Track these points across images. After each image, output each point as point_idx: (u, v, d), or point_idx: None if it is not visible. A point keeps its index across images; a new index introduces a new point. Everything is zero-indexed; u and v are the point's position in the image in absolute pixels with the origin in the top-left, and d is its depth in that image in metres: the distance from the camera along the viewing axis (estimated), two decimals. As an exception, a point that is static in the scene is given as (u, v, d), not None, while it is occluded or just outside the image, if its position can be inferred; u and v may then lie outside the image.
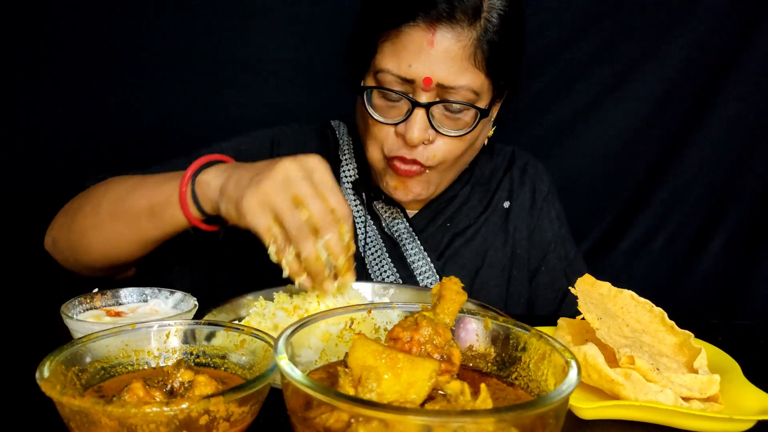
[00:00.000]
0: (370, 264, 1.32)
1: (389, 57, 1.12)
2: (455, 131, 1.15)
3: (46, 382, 0.58)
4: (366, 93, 1.16)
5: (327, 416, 0.53)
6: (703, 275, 1.80)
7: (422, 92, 1.11)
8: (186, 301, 0.92)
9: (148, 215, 1.07)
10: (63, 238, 1.18)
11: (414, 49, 1.10)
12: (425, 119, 1.13)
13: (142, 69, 1.71)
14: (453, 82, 1.10)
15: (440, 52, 1.09)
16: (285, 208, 0.88)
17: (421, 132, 1.13)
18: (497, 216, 1.38)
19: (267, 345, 0.68)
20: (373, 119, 1.16)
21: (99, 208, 1.12)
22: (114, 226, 1.10)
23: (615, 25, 1.75)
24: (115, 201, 1.11)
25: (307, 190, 0.89)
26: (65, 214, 1.19)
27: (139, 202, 1.08)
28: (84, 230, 1.14)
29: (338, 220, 0.91)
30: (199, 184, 1.01)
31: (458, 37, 1.09)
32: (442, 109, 1.14)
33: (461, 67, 1.10)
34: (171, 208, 1.04)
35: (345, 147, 1.38)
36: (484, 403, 0.55)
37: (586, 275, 0.91)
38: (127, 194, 1.10)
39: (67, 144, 1.71)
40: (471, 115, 1.14)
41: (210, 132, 1.73)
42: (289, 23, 1.74)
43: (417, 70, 1.10)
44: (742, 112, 1.73)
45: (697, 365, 0.81)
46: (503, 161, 1.43)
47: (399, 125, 1.15)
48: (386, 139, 1.17)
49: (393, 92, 1.13)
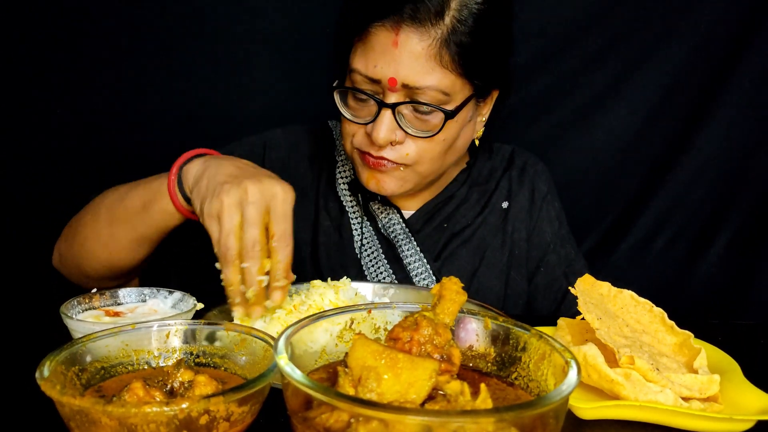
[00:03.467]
0: (366, 265, 1.31)
1: (359, 57, 1.13)
2: (424, 132, 1.14)
3: (46, 382, 0.58)
4: (337, 92, 1.18)
5: (327, 416, 0.53)
6: (703, 276, 1.79)
7: (390, 93, 1.11)
8: (185, 300, 0.92)
9: (142, 212, 1.09)
10: (67, 251, 1.21)
11: (380, 50, 1.10)
12: (392, 120, 1.13)
13: (143, 69, 1.71)
14: (418, 82, 1.10)
15: (405, 53, 1.09)
16: (226, 229, 0.90)
17: (387, 132, 1.13)
18: (495, 216, 1.37)
19: (267, 345, 0.68)
20: (344, 118, 1.18)
21: (97, 216, 1.15)
22: (111, 230, 1.13)
23: (615, 26, 1.75)
24: (111, 206, 1.14)
25: (251, 217, 0.90)
26: (69, 228, 1.22)
27: (133, 202, 1.10)
28: (85, 239, 1.16)
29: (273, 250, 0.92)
30: (184, 173, 1.04)
31: (422, 37, 1.09)
32: (412, 110, 1.13)
33: (426, 67, 1.10)
34: (161, 200, 1.06)
35: (341, 148, 1.38)
36: (484, 403, 0.55)
37: (586, 275, 0.91)
38: (122, 197, 1.13)
39: (67, 144, 1.71)
40: (439, 117, 1.13)
41: (210, 132, 1.74)
42: (289, 23, 1.74)
43: (382, 70, 1.10)
44: (744, 113, 1.72)
45: (697, 365, 0.81)
46: (502, 161, 1.42)
47: (368, 125, 1.15)
48: (356, 135, 1.19)
49: (360, 92, 1.13)
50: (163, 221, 1.09)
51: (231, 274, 0.90)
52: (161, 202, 1.07)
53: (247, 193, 0.91)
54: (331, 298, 0.97)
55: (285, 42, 1.75)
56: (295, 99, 1.77)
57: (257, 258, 0.90)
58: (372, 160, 1.17)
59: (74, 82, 1.69)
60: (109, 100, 1.72)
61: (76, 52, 1.67)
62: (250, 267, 0.90)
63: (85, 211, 1.19)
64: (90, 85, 1.70)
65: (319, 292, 0.98)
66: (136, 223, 1.10)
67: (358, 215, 1.34)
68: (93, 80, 1.70)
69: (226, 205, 0.91)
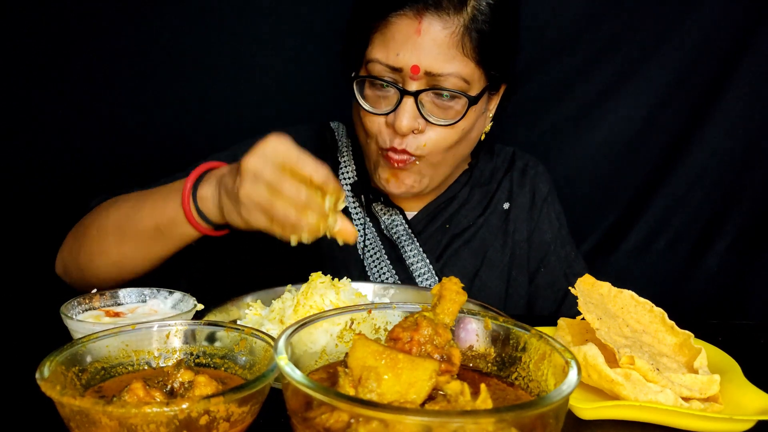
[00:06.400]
0: (369, 266, 1.31)
1: (378, 47, 1.13)
2: (445, 120, 1.15)
3: (46, 383, 0.58)
4: (357, 84, 1.17)
5: (327, 416, 0.53)
6: (704, 276, 1.79)
7: (411, 81, 1.12)
8: (185, 301, 0.92)
9: (155, 235, 1.07)
10: (72, 263, 1.19)
11: (401, 39, 1.10)
12: (414, 108, 1.13)
13: (144, 69, 1.71)
14: (441, 69, 1.10)
15: (427, 40, 1.10)
16: (266, 203, 0.90)
17: (410, 120, 1.12)
18: (497, 217, 1.38)
19: (267, 345, 0.68)
20: (365, 110, 1.16)
21: (104, 233, 1.13)
22: (120, 248, 1.11)
23: (615, 26, 1.75)
24: (119, 224, 1.12)
25: (271, 177, 0.90)
26: (73, 238, 1.20)
27: (144, 223, 1.08)
28: (91, 256, 1.14)
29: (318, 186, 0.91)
30: (200, 200, 1.03)
31: (445, 25, 1.10)
32: (432, 98, 1.14)
33: (449, 54, 1.11)
34: (180, 226, 1.05)
35: (344, 149, 1.38)
36: (484, 403, 0.55)
37: (586, 275, 0.91)
38: (131, 216, 1.11)
39: (67, 144, 1.71)
40: (461, 104, 1.14)
41: (211, 132, 1.74)
42: (290, 23, 1.74)
43: (404, 58, 1.10)
44: (745, 113, 1.72)
45: (697, 365, 0.81)
46: (503, 162, 1.43)
47: (389, 115, 1.15)
48: (379, 132, 1.17)
49: (382, 81, 1.13)
50: (182, 242, 1.08)
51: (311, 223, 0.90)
52: (180, 228, 1.05)
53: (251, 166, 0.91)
54: (332, 298, 0.97)
55: (285, 43, 1.75)
56: (294, 100, 1.78)
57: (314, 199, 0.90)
58: (396, 157, 1.16)
59: (74, 83, 1.69)
60: (109, 101, 1.72)
61: (77, 53, 1.67)
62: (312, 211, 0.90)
63: (90, 223, 1.17)
64: (90, 86, 1.70)
65: (319, 292, 0.97)
66: (149, 244, 1.09)
67: (361, 216, 1.34)
68: (93, 81, 1.70)
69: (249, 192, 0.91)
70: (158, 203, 1.08)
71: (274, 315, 0.97)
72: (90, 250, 1.14)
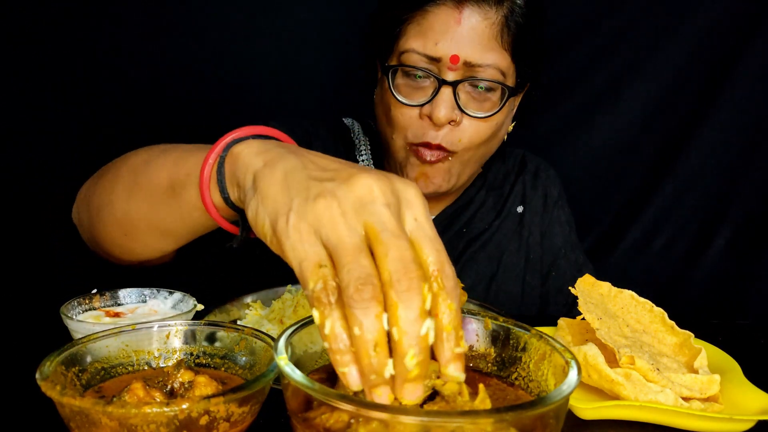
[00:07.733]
0: None
1: (414, 37, 1.12)
2: (481, 113, 1.13)
3: (46, 383, 0.58)
4: (391, 73, 1.14)
5: (327, 416, 0.53)
6: (703, 276, 1.79)
7: (448, 71, 1.11)
8: (185, 301, 0.92)
9: (166, 194, 0.81)
10: (84, 212, 0.98)
11: (440, 28, 1.09)
12: (452, 98, 1.11)
13: (145, 69, 1.71)
14: (480, 59, 1.10)
15: (467, 30, 1.09)
16: (348, 246, 0.51)
17: (448, 110, 1.11)
18: (511, 221, 1.37)
19: (267, 345, 0.68)
20: (398, 101, 1.14)
21: (118, 178, 0.90)
22: (127, 203, 0.87)
23: (615, 26, 1.75)
24: (134, 168, 0.87)
25: (390, 224, 0.53)
26: (93, 181, 0.99)
27: (159, 174, 0.82)
28: (100, 206, 0.92)
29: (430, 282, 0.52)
30: (231, 156, 0.70)
31: (485, 15, 1.09)
32: (469, 89, 1.13)
33: (488, 45, 1.10)
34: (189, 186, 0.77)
35: (362, 148, 1.34)
36: (483, 403, 0.55)
37: (586, 275, 0.91)
38: (150, 162, 0.85)
39: (68, 144, 1.71)
40: (498, 95, 1.14)
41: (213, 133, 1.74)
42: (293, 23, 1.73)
43: (444, 48, 1.09)
44: (744, 113, 1.73)
45: (698, 365, 0.81)
46: (514, 165, 1.43)
47: (424, 106, 1.13)
48: (411, 125, 1.15)
49: (420, 69, 1.11)
50: (190, 218, 0.79)
51: (371, 323, 0.49)
52: (190, 191, 0.77)
53: (372, 191, 0.54)
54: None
55: (290, 42, 1.75)
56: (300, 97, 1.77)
57: (417, 289, 0.50)
58: (428, 153, 1.14)
59: (74, 79, 1.69)
60: (109, 97, 1.72)
61: (77, 50, 1.67)
62: (404, 308, 0.49)
63: (112, 165, 0.95)
64: (89, 82, 1.70)
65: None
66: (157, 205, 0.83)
67: None
68: (93, 77, 1.69)
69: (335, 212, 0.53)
70: (184, 155, 0.81)
71: (274, 315, 0.97)
72: (99, 200, 0.93)
